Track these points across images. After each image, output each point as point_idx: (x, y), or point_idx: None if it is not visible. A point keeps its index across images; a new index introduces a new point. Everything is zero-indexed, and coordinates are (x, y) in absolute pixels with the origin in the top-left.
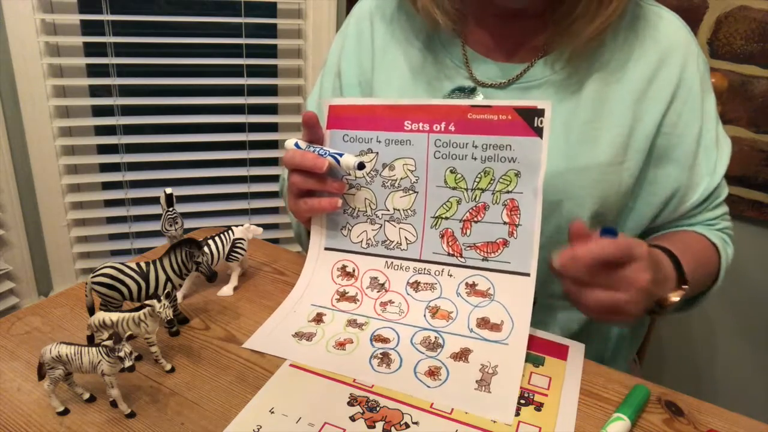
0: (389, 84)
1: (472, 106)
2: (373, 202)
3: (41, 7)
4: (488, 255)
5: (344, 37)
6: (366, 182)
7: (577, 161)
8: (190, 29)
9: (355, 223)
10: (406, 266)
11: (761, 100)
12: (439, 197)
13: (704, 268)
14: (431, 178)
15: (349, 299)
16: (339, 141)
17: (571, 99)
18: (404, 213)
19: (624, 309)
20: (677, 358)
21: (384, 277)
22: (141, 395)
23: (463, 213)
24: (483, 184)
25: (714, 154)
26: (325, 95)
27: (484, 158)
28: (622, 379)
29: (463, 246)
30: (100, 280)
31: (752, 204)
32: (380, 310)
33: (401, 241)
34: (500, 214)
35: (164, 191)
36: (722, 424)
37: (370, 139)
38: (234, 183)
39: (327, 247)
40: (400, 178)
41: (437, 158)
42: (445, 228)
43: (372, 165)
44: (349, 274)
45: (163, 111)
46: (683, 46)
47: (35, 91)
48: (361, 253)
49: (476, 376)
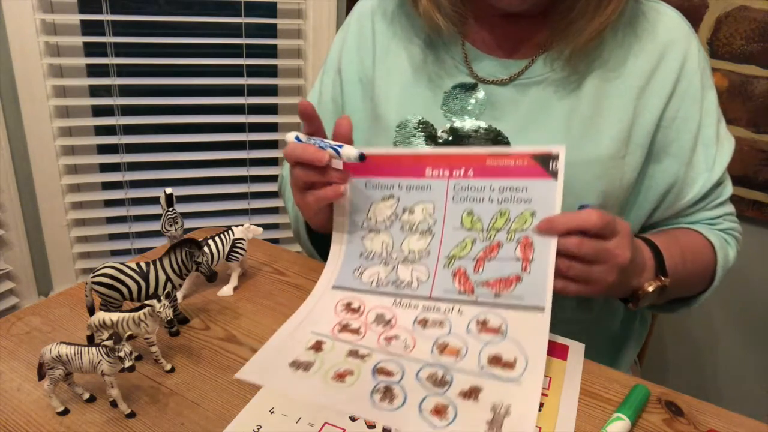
0: (390, 82)
1: (491, 154)
2: (389, 245)
3: (41, 7)
4: (501, 291)
5: (345, 34)
6: (385, 227)
7: (579, 156)
8: (190, 29)
9: (369, 265)
10: (415, 304)
11: (761, 100)
12: (454, 238)
13: (694, 266)
14: (448, 221)
15: (351, 331)
16: (361, 187)
17: (571, 95)
18: (419, 254)
19: (597, 280)
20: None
21: (391, 314)
22: (141, 395)
23: (477, 251)
24: (498, 224)
25: (713, 150)
26: (326, 92)
27: (501, 200)
28: (622, 379)
29: (476, 283)
30: (100, 280)
31: (752, 204)
32: (384, 344)
33: (412, 281)
34: (514, 251)
35: (164, 191)
36: (722, 424)
37: (392, 186)
38: (234, 183)
39: (336, 285)
40: (418, 221)
41: (455, 202)
42: (457, 267)
43: (393, 210)
44: (354, 310)
45: (163, 111)
46: (683, 41)
47: (35, 91)
48: (369, 292)
49: (487, 417)
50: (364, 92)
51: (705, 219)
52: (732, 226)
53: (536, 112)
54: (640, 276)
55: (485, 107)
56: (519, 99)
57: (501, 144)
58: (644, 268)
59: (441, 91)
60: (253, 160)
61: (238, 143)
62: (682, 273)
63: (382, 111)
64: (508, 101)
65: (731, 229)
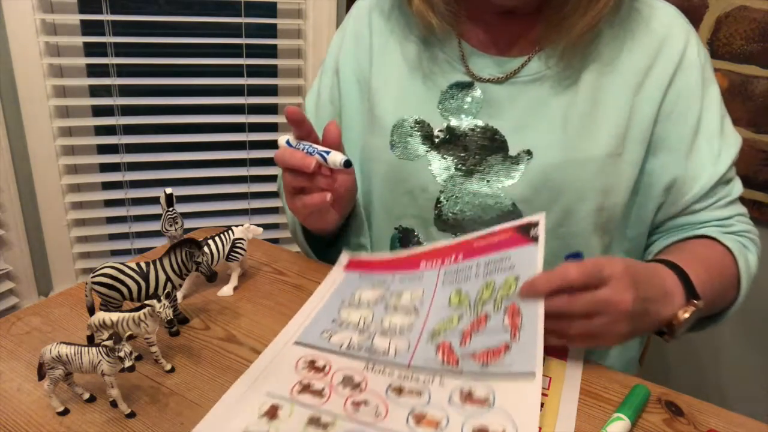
0: (387, 82)
1: (478, 237)
2: (368, 319)
3: (41, 7)
4: (488, 362)
5: (343, 33)
6: (368, 305)
7: (576, 153)
8: (190, 29)
9: (340, 330)
10: (390, 371)
11: (761, 100)
12: (441, 315)
13: (720, 279)
14: (436, 302)
15: (314, 393)
16: (355, 279)
17: (568, 92)
18: (400, 329)
19: (604, 333)
20: (677, 359)
21: (361, 377)
22: (141, 395)
23: (464, 326)
24: (485, 296)
25: (717, 144)
26: (324, 92)
27: (486, 273)
28: (622, 379)
29: (461, 356)
30: (100, 280)
31: (752, 204)
32: (352, 410)
33: (389, 350)
34: (502, 321)
35: (164, 191)
36: (722, 424)
37: (386, 280)
38: (234, 183)
39: (298, 341)
40: (403, 303)
41: (444, 285)
42: (442, 340)
43: (380, 295)
44: (318, 369)
45: (163, 111)
46: (680, 35)
47: (35, 91)
48: (337, 353)
49: None
50: (362, 92)
51: (715, 219)
52: (747, 228)
53: (533, 111)
54: (668, 305)
55: (482, 106)
56: (515, 97)
57: (498, 142)
58: (671, 296)
59: (437, 89)
60: (253, 160)
61: (238, 143)
62: (710, 291)
63: (379, 112)
64: (504, 99)
65: (746, 231)
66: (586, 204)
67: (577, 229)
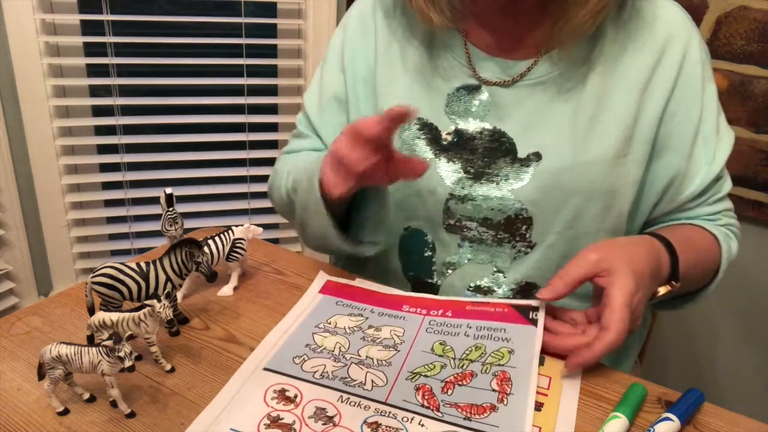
0: (392, 82)
1: (471, 301)
2: (344, 347)
3: (41, 7)
4: (472, 416)
5: (345, 30)
6: (345, 332)
7: (584, 156)
8: (190, 29)
9: (314, 356)
10: (366, 405)
11: (761, 100)
12: (422, 359)
13: (704, 265)
14: (418, 345)
15: (282, 427)
16: (331, 305)
17: (574, 94)
18: (378, 362)
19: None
20: (677, 358)
21: (334, 411)
22: (141, 395)
23: (447, 376)
24: (473, 357)
25: (713, 143)
26: (328, 90)
27: (477, 336)
28: (621, 378)
29: (442, 402)
30: (100, 280)
31: (752, 204)
32: None
33: (366, 382)
34: (489, 383)
35: (164, 191)
36: (722, 424)
37: (364, 309)
38: (234, 183)
39: (267, 367)
40: (383, 337)
41: (428, 333)
42: (422, 383)
43: (358, 324)
44: (288, 399)
45: (163, 111)
46: (683, 34)
47: (35, 91)
48: (309, 382)
49: None
50: (367, 93)
51: (705, 215)
52: (732, 222)
53: (540, 113)
54: (655, 285)
55: (489, 109)
56: (522, 100)
57: (506, 145)
58: (659, 277)
59: (444, 92)
60: (253, 160)
61: (238, 143)
62: (695, 273)
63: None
64: (511, 103)
65: (731, 224)
66: (594, 205)
67: (585, 230)
